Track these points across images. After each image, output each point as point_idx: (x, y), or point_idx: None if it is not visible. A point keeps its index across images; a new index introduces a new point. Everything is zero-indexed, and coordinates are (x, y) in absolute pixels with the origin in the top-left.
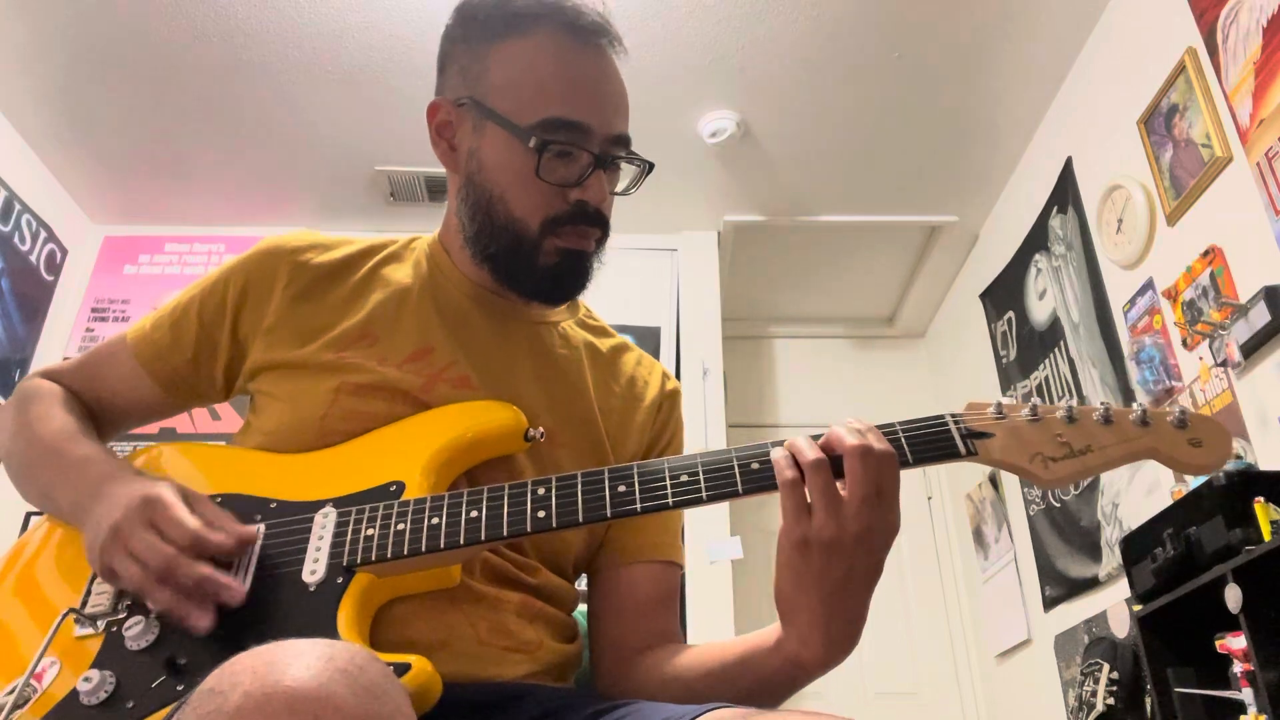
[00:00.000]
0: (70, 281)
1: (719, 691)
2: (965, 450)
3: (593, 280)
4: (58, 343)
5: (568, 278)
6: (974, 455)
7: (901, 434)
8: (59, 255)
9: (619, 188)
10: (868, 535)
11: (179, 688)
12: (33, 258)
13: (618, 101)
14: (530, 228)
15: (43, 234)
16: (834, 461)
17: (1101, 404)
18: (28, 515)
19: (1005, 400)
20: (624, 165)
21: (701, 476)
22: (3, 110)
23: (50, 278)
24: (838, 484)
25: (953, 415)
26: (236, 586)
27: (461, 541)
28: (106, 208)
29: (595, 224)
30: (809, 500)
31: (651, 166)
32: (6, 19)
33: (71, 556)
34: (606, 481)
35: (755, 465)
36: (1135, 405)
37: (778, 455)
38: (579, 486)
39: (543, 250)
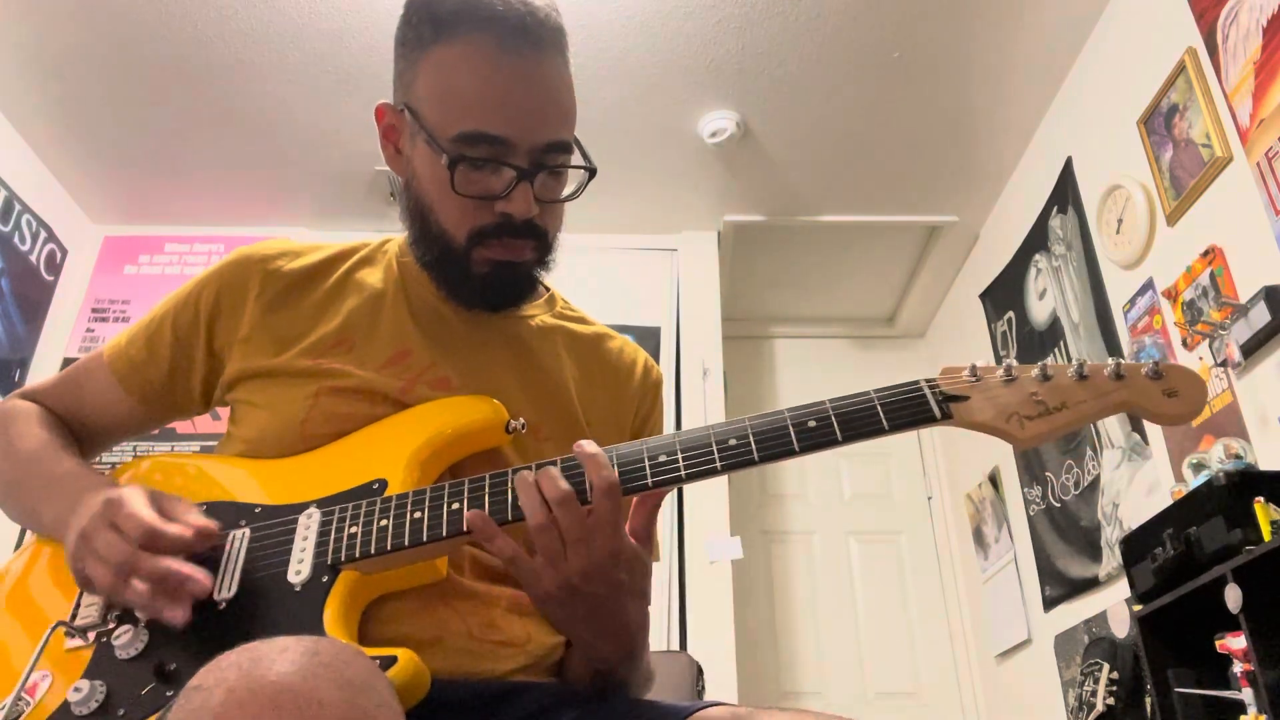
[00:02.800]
0: (70, 281)
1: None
2: (940, 414)
3: (534, 288)
4: (58, 343)
5: (501, 288)
6: (949, 419)
7: (876, 400)
8: (59, 255)
9: (565, 192)
10: (596, 571)
11: (168, 693)
12: (33, 258)
13: (545, 109)
14: (457, 240)
15: (43, 234)
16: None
17: (1076, 361)
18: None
19: (980, 364)
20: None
21: (680, 456)
22: (3, 110)
23: (50, 278)
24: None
25: (927, 380)
26: (199, 576)
27: (444, 534)
28: (106, 208)
29: (524, 235)
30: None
31: (594, 173)
32: (7, 20)
33: (61, 570)
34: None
35: (733, 442)
36: (1110, 360)
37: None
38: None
39: (473, 261)
